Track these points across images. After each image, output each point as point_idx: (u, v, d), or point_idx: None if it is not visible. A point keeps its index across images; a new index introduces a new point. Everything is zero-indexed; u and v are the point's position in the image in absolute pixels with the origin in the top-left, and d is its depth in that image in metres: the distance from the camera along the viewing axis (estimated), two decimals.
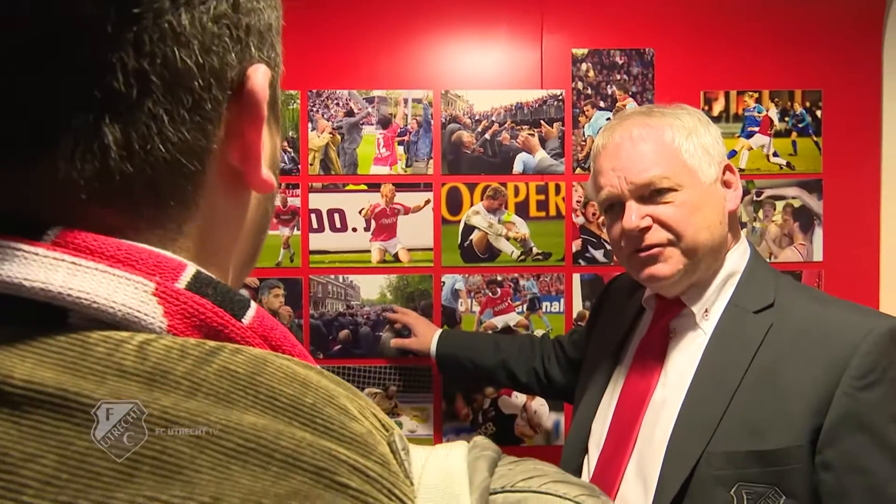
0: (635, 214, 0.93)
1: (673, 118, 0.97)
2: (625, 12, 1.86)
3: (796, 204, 1.87)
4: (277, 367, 0.28)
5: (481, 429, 1.85)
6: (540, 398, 1.85)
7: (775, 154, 1.87)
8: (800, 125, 1.87)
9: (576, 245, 1.87)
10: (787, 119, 1.87)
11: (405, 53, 1.86)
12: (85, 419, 0.24)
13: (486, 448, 0.32)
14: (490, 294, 1.87)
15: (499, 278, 1.87)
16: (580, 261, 1.87)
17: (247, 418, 0.25)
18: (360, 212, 1.86)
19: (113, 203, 0.29)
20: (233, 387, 0.26)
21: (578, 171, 1.86)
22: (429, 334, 1.61)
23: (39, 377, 0.24)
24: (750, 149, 1.86)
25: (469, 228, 1.86)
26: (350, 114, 1.86)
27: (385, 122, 1.86)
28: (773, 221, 1.87)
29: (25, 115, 0.27)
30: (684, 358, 0.95)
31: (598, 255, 1.87)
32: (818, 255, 1.87)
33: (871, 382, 0.80)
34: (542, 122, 1.86)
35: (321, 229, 1.86)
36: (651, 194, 0.94)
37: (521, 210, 1.86)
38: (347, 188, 1.86)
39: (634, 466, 0.92)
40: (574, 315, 1.87)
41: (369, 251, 1.86)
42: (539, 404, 1.86)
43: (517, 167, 1.86)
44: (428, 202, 1.86)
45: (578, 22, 1.86)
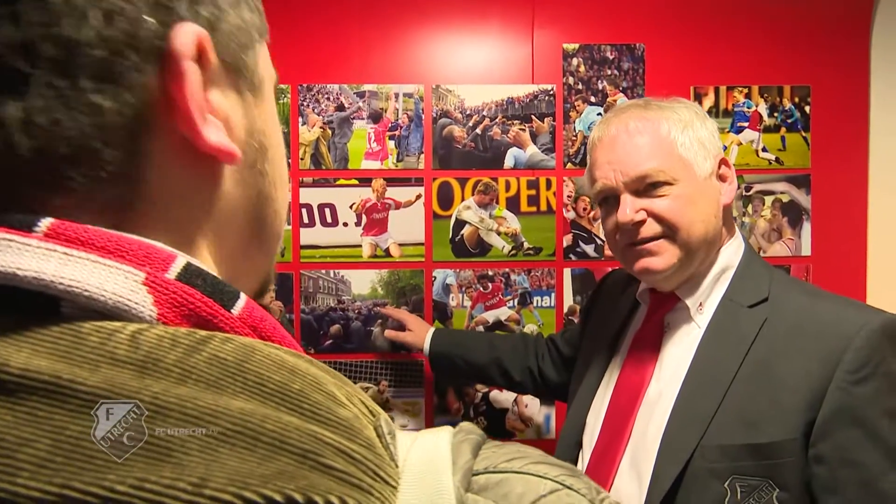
0: (630, 208, 0.94)
1: (669, 111, 0.97)
2: (616, 7, 1.86)
3: (785, 199, 1.89)
4: (266, 354, 0.28)
5: (473, 423, 1.85)
6: None
7: (764, 149, 1.89)
8: (788, 120, 1.88)
9: (566, 240, 1.88)
10: (776, 114, 1.88)
11: (396, 48, 1.85)
12: (78, 405, 0.24)
13: (471, 432, 0.32)
14: (481, 289, 1.87)
15: (490, 273, 1.87)
16: (571, 255, 1.88)
17: (235, 403, 0.26)
18: (350, 206, 1.85)
19: (42, 184, 0.29)
20: (222, 374, 0.27)
21: (569, 165, 1.87)
22: (423, 331, 1.60)
23: (35, 365, 0.25)
24: (739, 144, 1.87)
25: (460, 223, 1.86)
26: (341, 108, 1.85)
27: (376, 117, 1.85)
28: (761, 216, 1.89)
29: None
30: (679, 352, 0.95)
31: (589, 249, 1.88)
32: (806, 249, 1.89)
33: (864, 377, 0.80)
34: (533, 116, 1.86)
35: (312, 224, 1.85)
36: (646, 188, 0.94)
37: (512, 205, 1.87)
38: (338, 183, 1.85)
39: (629, 460, 0.93)
40: (565, 310, 1.87)
41: (360, 246, 1.86)
42: (530, 398, 1.86)
43: (508, 162, 1.86)
44: (419, 197, 1.85)
45: (569, 17, 1.86)
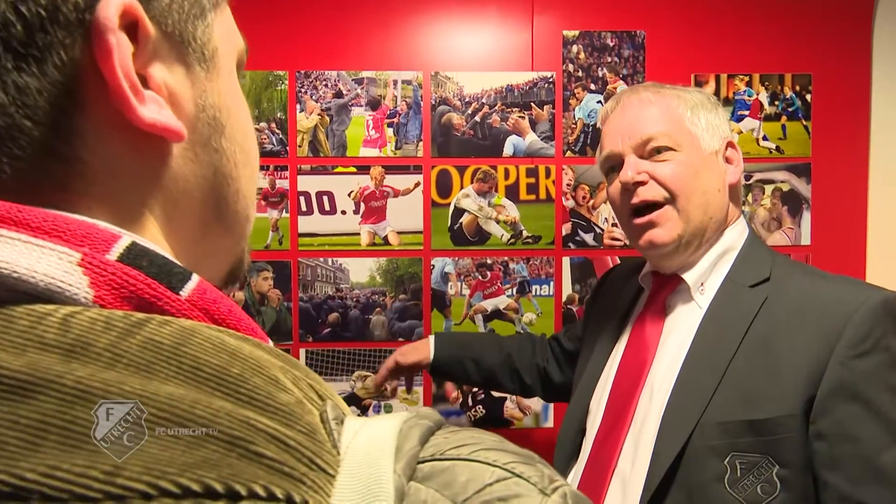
0: (632, 169, 0.95)
1: (683, 92, 0.99)
2: None
3: (785, 188, 1.88)
4: (206, 337, 0.27)
5: (471, 412, 1.86)
6: None
7: (765, 138, 1.88)
8: (789, 109, 1.87)
9: (565, 228, 1.87)
10: (776, 103, 1.87)
11: (395, 34, 1.84)
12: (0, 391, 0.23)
13: (424, 417, 0.31)
14: (480, 277, 1.87)
15: (489, 261, 1.86)
16: (570, 244, 1.87)
17: (165, 388, 0.25)
18: (349, 194, 1.84)
19: None
20: (155, 358, 0.26)
21: (569, 154, 1.86)
22: (421, 344, 1.44)
23: None
24: (740, 132, 1.86)
25: (459, 211, 1.85)
26: (339, 95, 1.84)
27: (374, 104, 1.84)
28: (761, 205, 1.88)
29: None
30: (681, 333, 0.95)
31: (588, 238, 1.87)
32: (806, 239, 1.88)
33: (864, 351, 0.80)
34: (532, 104, 1.85)
35: (310, 212, 1.84)
36: (650, 152, 0.95)
37: (511, 193, 1.86)
38: (336, 170, 1.84)
39: (632, 442, 0.93)
40: (563, 298, 1.87)
41: (358, 234, 1.85)
42: None
43: (507, 150, 1.85)
44: (418, 185, 1.85)
45: (569, 3, 1.84)
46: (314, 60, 1.83)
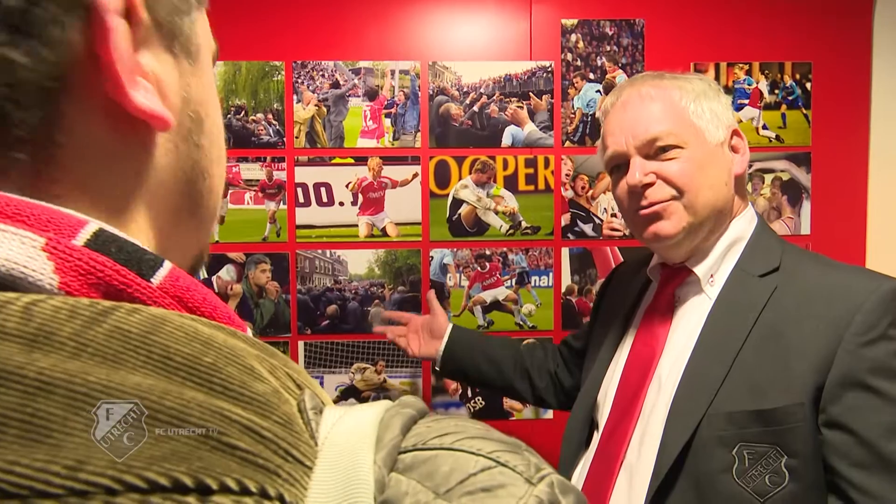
0: (639, 171, 0.93)
1: (684, 81, 0.97)
2: None
3: (785, 177, 1.87)
4: (177, 326, 0.26)
5: (470, 403, 1.86)
6: None
7: (764, 127, 1.87)
8: (789, 98, 1.86)
9: (565, 219, 1.86)
10: (776, 91, 1.86)
11: (392, 23, 1.82)
12: None
13: (407, 405, 0.30)
14: (479, 268, 1.86)
15: (487, 252, 1.86)
16: (569, 235, 1.86)
17: (132, 378, 0.24)
18: (346, 186, 1.83)
19: None
20: (123, 347, 0.24)
21: (568, 144, 1.85)
22: (437, 328, 1.41)
23: None
24: (739, 121, 1.85)
25: (457, 202, 1.85)
26: (336, 85, 1.82)
27: (372, 94, 1.83)
28: (761, 195, 1.87)
29: None
30: (690, 324, 0.95)
31: (588, 229, 1.86)
32: (806, 228, 1.88)
33: (872, 339, 0.80)
34: (531, 94, 1.84)
35: (308, 203, 1.83)
36: (656, 151, 0.94)
37: (510, 184, 1.85)
38: (334, 161, 1.83)
39: (640, 432, 0.93)
40: (563, 289, 1.86)
41: (356, 226, 1.84)
42: None
43: (506, 140, 1.84)
44: (416, 176, 1.84)
45: None
46: (311, 50, 1.81)
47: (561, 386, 1.36)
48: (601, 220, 1.87)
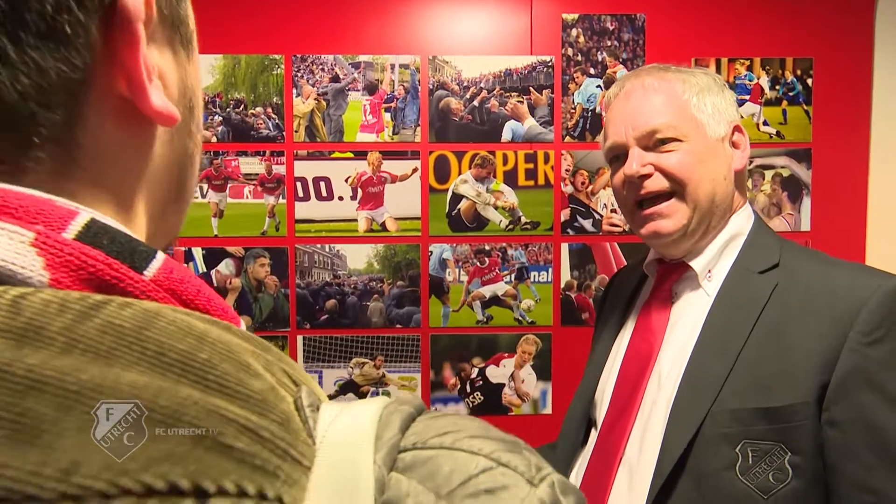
0: (637, 161, 0.93)
1: (688, 75, 0.97)
2: None
3: (785, 173, 1.87)
4: (171, 320, 0.25)
5: (469, 398, 1.86)
6: (528, 368, 1.86)
7: (765, 123, 1.86)
8: (790, 94, 1.86)
9: (564, 214, 1.86)
10: (777, 87, 1.85)
11: (392, 17, 1.81)
12: None
13: (405, 403, 0.29)
14: (478, 263, 1.86)
15: (487, 248, 1.85)
16: (568, 230, 1.86)
17: (127, 376, 0.23)
18: (346, 180, 1.83)
19: None
20: (116, 343, 0.24)
21: (568, 139, 1.84)
22: None
23: None
24: (741, 118, 1.85)
25: (457, 197, 1.84)
26: (335, 79, 1.82)
27: (371, 89, 1.82)
28: (761, 191, 1.87)
29: None
30: (688, 320, 0.94)
31: (587, 224, 1.86)
32: (806, 224, 1.87)
33: (878, 338, 0.79)
34: (531, 88, 1.83)
35: (307, 198, 1.83)
36: (655, 143, 0.94)
37: (510, 179, 1.85)
38: (333, 156, 1.83)
39: (640, 430, 0.92)
40: (562, 284, 1.86)
41: (356, 220, 1.84)
42: (527, 374, 1.86)
43: (506, 135, 1.83)
44: (415, 170, 1.83)
45: None
46: (310, 44, 1.81)
47: None
48: (601, 216, 1.86)
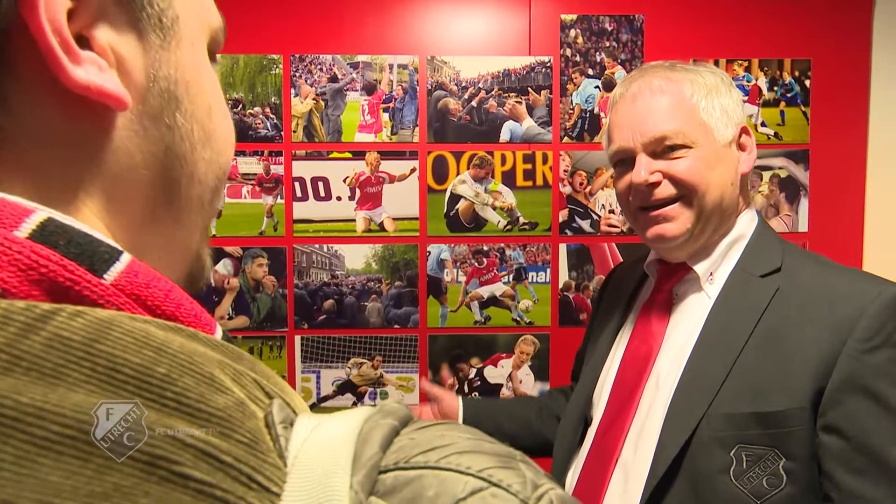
0: (645, 169, 0.91)
1: (695, 75, 0.94)
2: None
3: (783, 174, 1.87)
4: (127, 330, 0.23)
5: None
6: (526, 368, 1.86)
7: (763, 124, 1.86)
8: (788, 95, 1.86)
9: (562, 215, 1.86)
10: (775, 88, 1.86)
11: (390, 17, 1.81)
12: None
13: (388, 415, 0.26)
14: (476, 264, 1.86)
15: (485, 248, 1.85)
16: (567, 231, 1.86)
17: (72, 398, 0.21)
18: (344, 180, 1.83)
19: None
20: (64, 359, 0.21)
21: (566, 139, 1.84)
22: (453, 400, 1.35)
23: None
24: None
25: (455, 197, 1.84)
26: (334, 79, 1.82)
27: (370, 89, 1.82)
28: (759, 192, 1.87)
29: None
30: (688, 323, 0.94)
31: (585, 225, 1.86)
32: (803, 226, 1.88)
33: (876, 345, 0.79)
34: (529, 89, 1.83)
35: (305, 198, 1.83)
36: (663, 150, 0.92)
37: (508, 179, 1.85)
38: (332, 156, 1.83)
39: (636, 431, 0.92)
40: (560, 285, 1.86)
41: (354, 220, 1.84)
42: (524, 374, 1.86)
43: (504, 135, 1.83)
44: (413, 171, 1.83)
45: None
46: (309, 44, 1.81)
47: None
48: (599, 217, 1.86)
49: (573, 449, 1.05)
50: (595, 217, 1.86)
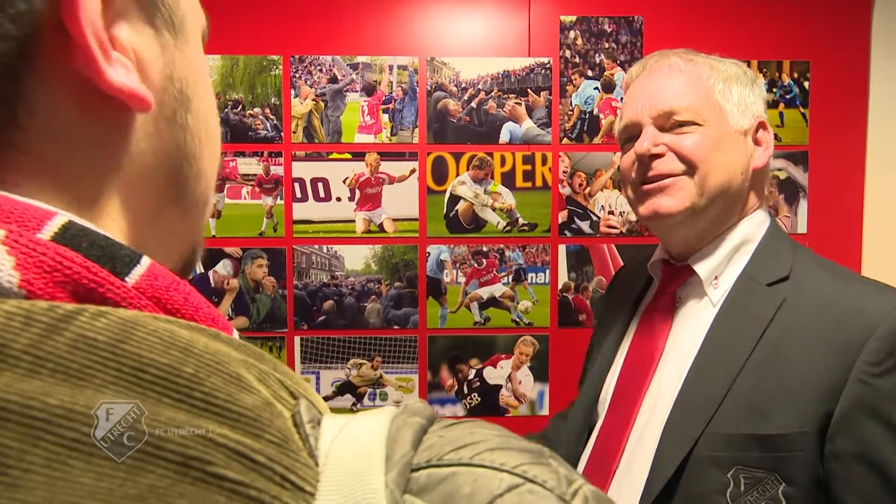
0: (648, 140, 0.86)
1: (717, 62, 0.91)
2: None
3: (782, 176, 1.87)
4: (151, 330, 0.23)
5: (466, 399, 1.86)
6: (525, 369, 1.86)
7: None
8: (787, 96, 1.86)
9: (562, 216, 1.86)
10: (774, 90, 1.86)
11: (390, 18, 1.82)
12: None
13: (415, 413, 0.26)
14: (475, 265, 1.86)
15: (484, 249, 1.86)
16: (566, 232, 1.86)
17: (100, 399, 0.20)
18: (344, 181, 1.83)
19: None
20: (90, 360, 0.21)
21: (566, 141, 1.84)
22: None
23: None
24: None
25: (455, 198, 1.84)
26: (333, 80, 1.82)
27: (369, 90, 1.82)
28: None
29: None
30: (691, 330, 0.89)
31: (585, 226, 1.86)
32: (802, 227, 1.88)
33: (888, 369, 0.74)
34: (529, 90, 1.83)
35: (305, 199, 1.83)
36: (672, 125, 0.87)
37: (508, 180, 1.85)
38: (331, 157, 1.83)
39: (634, 443, 0.89)
40: (559, 286, 1.86)
41: (354, 221, 1.84)
42: (524, 375, 1.86)
43: (504, 137, 1.84)
44: (413, 171, 1.83)
45: None
46: (309, 45, 1.81)
47: None
48: (598, 218, 1.86)
49: (577, 455, 1.02)
50: (594, 218, 1.86)
